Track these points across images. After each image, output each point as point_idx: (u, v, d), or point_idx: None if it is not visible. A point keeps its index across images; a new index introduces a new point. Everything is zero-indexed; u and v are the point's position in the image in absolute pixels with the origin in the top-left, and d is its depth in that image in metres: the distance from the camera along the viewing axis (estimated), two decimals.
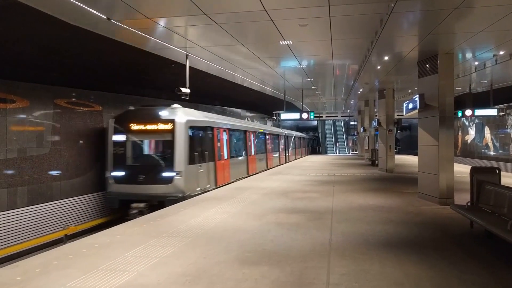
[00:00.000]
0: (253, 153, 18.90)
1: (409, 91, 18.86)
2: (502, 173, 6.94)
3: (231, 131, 15.64)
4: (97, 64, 14.27)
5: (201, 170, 12.07)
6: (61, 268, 4.66)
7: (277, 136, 26.92)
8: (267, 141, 22.84)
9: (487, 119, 24.37)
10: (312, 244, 5.71)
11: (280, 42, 8.82)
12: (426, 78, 9.78)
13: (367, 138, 27.72)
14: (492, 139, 24.24)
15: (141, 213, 10.06)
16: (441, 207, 8.72)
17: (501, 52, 9.88)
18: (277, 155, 26.38)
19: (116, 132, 11.62)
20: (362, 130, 29.28)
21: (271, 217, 7.64)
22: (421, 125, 10.04)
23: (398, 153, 40.21)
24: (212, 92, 22.19)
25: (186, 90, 10.06)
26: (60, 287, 4.07)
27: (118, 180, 11.29)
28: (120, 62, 13.51)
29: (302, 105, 20.77)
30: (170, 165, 11.02)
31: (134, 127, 11.53)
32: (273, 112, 16.33)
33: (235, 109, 32.25)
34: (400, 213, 8.10)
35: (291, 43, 8.93)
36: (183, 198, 10.52)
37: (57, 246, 5.85)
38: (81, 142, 12.37)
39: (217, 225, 7.03)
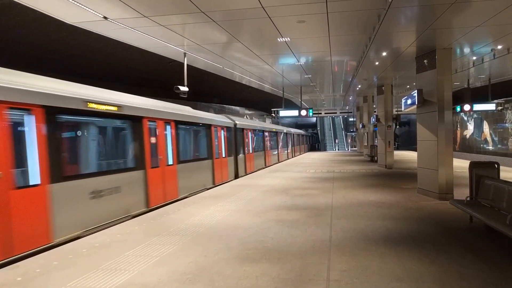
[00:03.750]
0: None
1: (408, 86, 18.87)
2: (501, 167, 6.96)
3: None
4: (91, 63, 14.24)
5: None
6: (61, 268, 4.66)
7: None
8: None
9: (485, 114, 24.42)
10: (312, 240, 5.72)
11: (278, 39, 8.80)
12: (424, 73, 9.77)
13: (366, 135, 27.73)
14: (490, 134, 24.28)
15: None
16: (440, 202, 8.74)
17: (499, 47, 9.88)
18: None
19: None
20: (361, 126, 29.28)
21: (271, 214, 7.65)
22: (420, 120, 10.05)
23: (397, 149, 40.34)
24: (210, 90, 22.21)
25: (184, 89, 10.05)
26: (61, 287, 4.07)
27: None
28: (115, 61, 13.46)
29: (301, 102, 20.77)
30: None
31: None
32: (272, 109, 16.32)
33: (233, 107, 32.29)
34: (399, 208, 8.11)
35: (289, 40, 8.91)
36: None
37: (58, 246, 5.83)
38: None
39: (217, 223, 7.03)
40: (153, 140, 9.27)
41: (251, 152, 18.81)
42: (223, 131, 14.68)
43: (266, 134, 22.93)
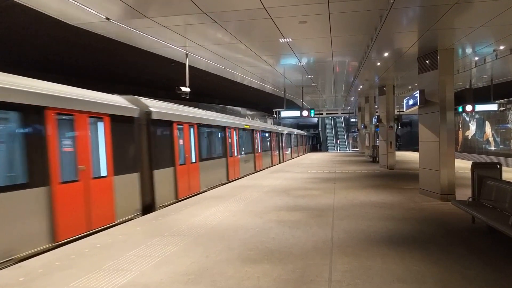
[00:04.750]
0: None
1: (409, 87, 18.85)
2: (503, 168, 6.94)
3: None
4: (94, 64, 14.28)
5: None
6: (63, 269, 4.67)
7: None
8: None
9: (487, 114, 24.35)
10: (314, 241, 5.71)
11: (280, 39, 8.80)
12: (426, 74, 9.76)
13: (367, 135, 27.71)
14: (492, 134, 24.22)
15: None
16: (442, 203, 8.72)
17: (501, 47, 9.86)
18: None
19: None
20: (362, 127, 29.27)
21: (273, 215, 7.65)
22: (422, 121, 10.03)
23: (399, 149, 40.26)
24: (212, 91, 22.23)
25: (186, 89, 10.06)
26: (63, 287, 4.08)
27: None
28: (117, 61, 13.47)
29: (302, 103, 20.79)
30: None
31: None
32: (274, 110, 16.33)
33: (235, 108, 32.33)
34: (401, 209, 8.09)
35: (291, 40, 8.91)
36: None
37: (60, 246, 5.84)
38: None
39: (218, 223, 7.03)
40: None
41: (194, 161, 11.46)
42: (103, 125, 7.59)
43: (231, 132, 15.54)
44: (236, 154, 15.97)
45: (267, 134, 22.68)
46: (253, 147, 19.05)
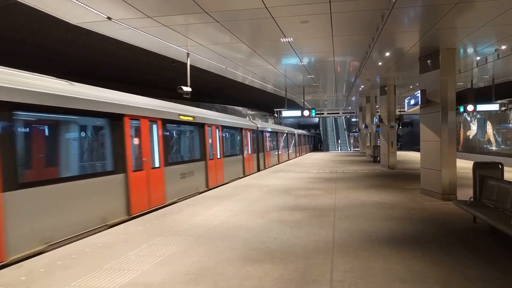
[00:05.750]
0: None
1: (411, 87, 18.83)
2: (505, 168, 6.93)
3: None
4: (95, 64, 14.29)
5: None
6: (65, 268, 4.67)
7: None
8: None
9: (489, 114, 24.32)
10: (316, 241, 5.71)
11: (281, 39, 8.80)
12: (427, 73, 9.74)
13: (368, 135, 27.70)
14: (494, 134, 24.19)
15: None
16: (444, 203, 8.71)
17: (503, 47, 9.84)
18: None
19: None
20: (363, 126, 29.26)
21: (274, 215, 7.65)
22: (423, 121, 10.02)
23: (400, 149, 40.22)
24: (213, 90, 22.23)
25: (187, 89, 10.06)
26: (65, 287, 4.09)
27: None
28: (118, 61, 13.47)
29: (304, 102, 20.78)
30: None
31: None
32: (275, 109, 16.32)
33: (236, 107, 32.35)
34: (402, 209, 8.09)
35: (292, 40, 8.91)
36: None
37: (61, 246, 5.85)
38: None
39: (220, 223, 7.03)
40: None
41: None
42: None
43: (146, 127, 8.82)
44: (157, 165, 9.30)
45: (234, 132, 16.27)
46: (203, 151, 12.27)
